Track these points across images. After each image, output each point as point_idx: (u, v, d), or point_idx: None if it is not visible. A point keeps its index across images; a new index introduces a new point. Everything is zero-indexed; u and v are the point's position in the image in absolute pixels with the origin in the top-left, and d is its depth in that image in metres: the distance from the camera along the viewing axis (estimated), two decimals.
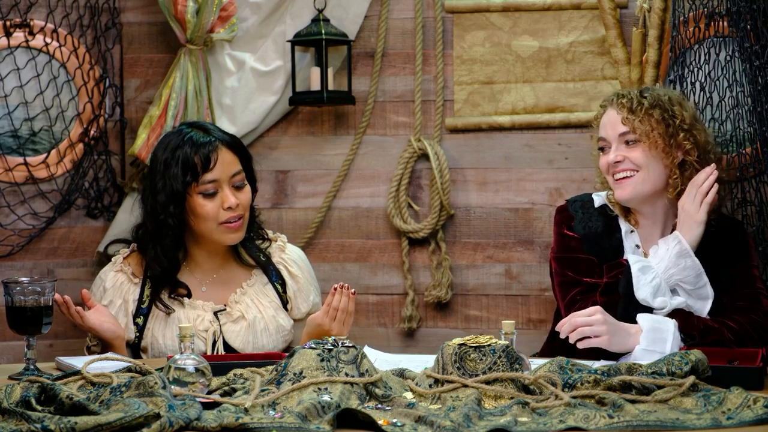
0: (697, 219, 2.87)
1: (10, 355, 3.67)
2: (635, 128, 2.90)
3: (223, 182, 3.01)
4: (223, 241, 3.06)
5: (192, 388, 2.28)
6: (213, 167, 2.99)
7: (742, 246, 2.96)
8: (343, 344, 2.34)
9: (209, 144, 3.00)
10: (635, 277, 2.83)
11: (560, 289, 2.99)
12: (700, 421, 2.06)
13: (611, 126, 2.94)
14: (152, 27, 3.94)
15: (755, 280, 2.93)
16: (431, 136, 3.88)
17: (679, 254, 2.85)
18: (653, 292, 2.82)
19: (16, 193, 3.75)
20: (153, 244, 3.03)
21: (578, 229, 2.99)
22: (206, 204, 3.00)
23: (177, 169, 2.98)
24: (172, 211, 2.99)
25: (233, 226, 3.03)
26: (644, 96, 2.93)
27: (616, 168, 2.92)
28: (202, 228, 3.03)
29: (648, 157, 2.90)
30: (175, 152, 3.00)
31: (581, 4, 3.75)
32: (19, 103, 3.73)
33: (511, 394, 2.21)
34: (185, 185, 2.98)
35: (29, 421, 1.96)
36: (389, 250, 3.93)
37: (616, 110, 2.94)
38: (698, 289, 2.86)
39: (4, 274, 3.67)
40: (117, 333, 2.96)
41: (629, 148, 2.91)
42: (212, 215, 3.00)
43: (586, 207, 3.03)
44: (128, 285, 3.08)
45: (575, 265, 2.95)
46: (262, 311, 3.10)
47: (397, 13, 3.91)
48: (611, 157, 2.92)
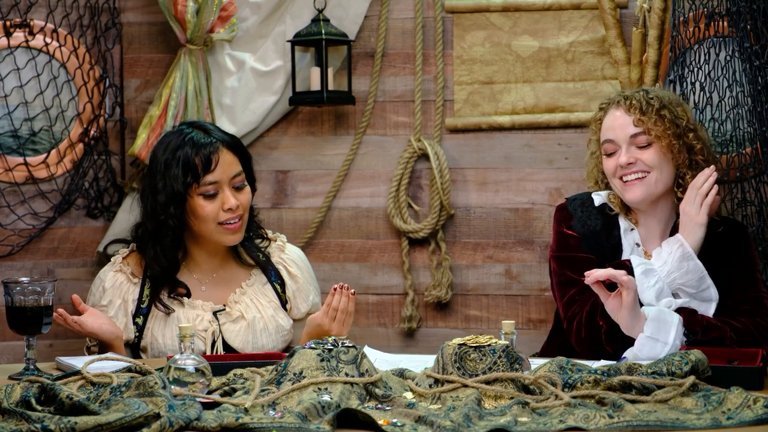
0: (698, 221, 2.87)
1: (10, 355, 3.66)
2: (649, 129, 2.88)
3: (223, 183, 3.01)
4: (223, 242, 3.06)
5: (192, 388, 2.28)
6: (214, 169, 2.99)
7: (744, 248, 2.95)
8: (343, 344, 2.34)
9: (210, 145, 3.00)
10: (638, 280, 2.81)
11: (559, 288, 2.99)
12: (700, 421, 2.06)
13: (621, 128, 2.92)
14: (152, 27, 3.94)
15: (758, 284, 2.94)
16: (431, 136, 3.88)
17: (682, 257, 2.84)
18: (656, 295, 2.82)
19: (16, 193, 3.75)
20: (153, 243, 3.03)
21: (577, 227, 2.99)
22: (206, 205, 3.00)
23: (178, 170, 2.97)
24: (173, 212, 2.98)
25: (232, 227, 3.03)
26: (651, 97, 2.92)
27: (627, 170, 2.90)
28: (202, 229, 3.03)
29: (660, 159, 2.90)
30: (176, 153, 2.99)
31: (581, 4, 3.75)
32: (19, 103, 3.73)
33: (511, 394, 2.21)
34: (186, 186, 2.98)
35: (29, 421, 1.96)
36: (389, 250, 3.93)
37: (624, 112, 2.92)
38: (701, 292, 2.86)
39: (4, 274, 3.67)
40: (116, 334, 2.96)
41: (641, 150, 2.90)
42: (212, 216, 3.00)
43: (585, 206, 3.02)
44: (127, 285, 3.08)
45: (574, 264, 2.94)
46: (261, 311, 3.10)
47: (397, 13, 3.91)
48: (623, 159, 2.89)
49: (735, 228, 3.00)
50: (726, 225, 2.98)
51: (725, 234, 2.95)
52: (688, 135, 2.91)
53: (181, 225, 3.03)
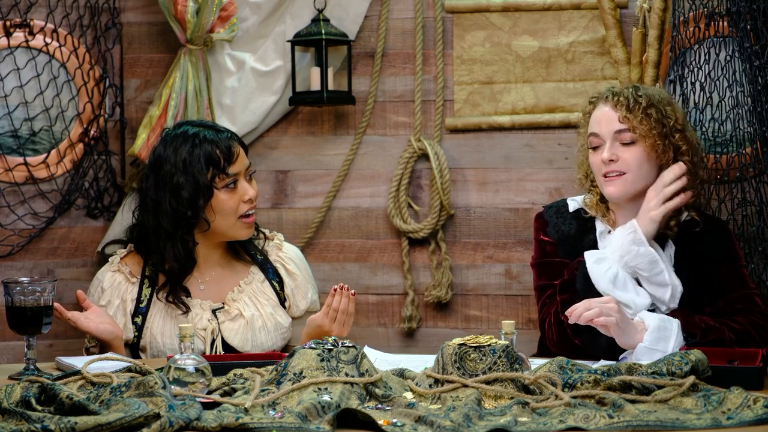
0: (652, 216, 2.86)
1: (10, 355, 3.66)
2: (634, 127, 2.88)
3: (241, 175, 3.05)
4: (239, 236, 3.09)
5: (192, 388, 2.28)
6: (235, 160, 3.03)
7: (727, 247, 2.95)
8: (343, 344, 2.34)
9: (227, 139, 3.04)
10: (591, 270, 2.83)
11: (536, 294, 3.04)
12: (700, 421, 2.06)
13: (606, 122, 2.92)
14: (152, 27, 3.94)
15: (746, 280, 2.95)
16: (431, 136, 3.88)
17: (633, 242, 2.84)
18: (612, 281, 2.82)
19: (16, 193, 3.75)
20: (172, 243, 3.02)
21: (552, 233, 3.03)
22: (229, 198, 3.03)
23: (201, 165, 2.99)
24: (201, 205, 3.00)
25: (249, 220, 3.07)
26: (639, 95, 2.92)
27: (608, 167, 2.90)
28: (221, 224, 3.04)
29: (642, 158, 2.90)
30: (194, 150, 3.01)
31: (581, 4, 3.75)
32: (19, 103, 3.73)
33: (511, 394, 2.21)
34: (212, 178, 3.00)
35: (29, 421, 1.96)
36: (389, 250, 3.93)
37: (611, 107, 2.92)
38: (655, 276, 2.85)
39: (4, 274, 3.67)
40: (115, 333, 2.96)
41: (624, 148, 2.90)
42: (234, 209, 3.03)
43: (560, 212, 3.05)
44: (126, 284, 3.09)
45: (550, 269, 2.98)
46: (259, 309, 3.10)
47: (397, 13, 3.91)
48: (605, 155, 2.89)
49: (715, 227, 2.99)
50: (706, 224, 2.97)
51: (706, 234, 2.95)
52: (675, 135, 2.90)
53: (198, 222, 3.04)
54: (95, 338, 2.98)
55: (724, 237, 2.97)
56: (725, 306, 2.88)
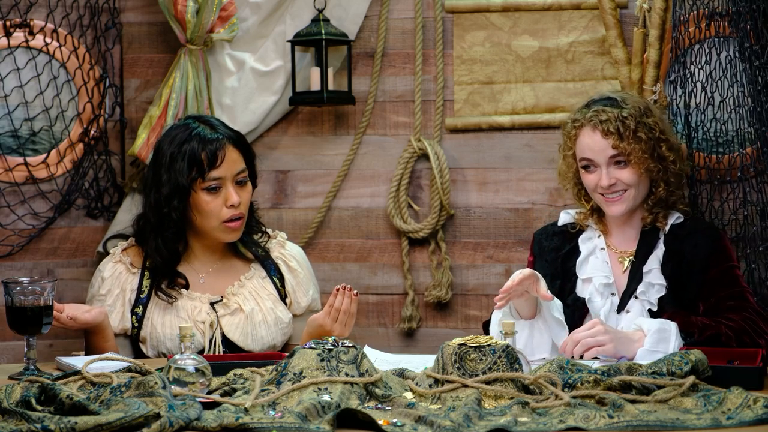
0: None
1: (10, 355, 3.66)
2: (627, 153, 2.96)
3: (227, 179, 3.04)
4: (222, 239, 3.10)
5: (192, 388, 2.28)
6: (219, 165, 3.02)
7: (717, 250, 3.00)
8: (343, 344, 2.34)
9: (216, 141, 3.02)
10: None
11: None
12: (700, 421, 2.06)
13: (600, 150, 2.98)
14: (152, 27, 3.94)
15: (738, 280, 2.99)
16: (431, 136, 3.88)
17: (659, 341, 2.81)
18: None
19: (16, 193, 3.75)
20: (154, 235, 3.06)
21: (535, 250, 3.15)
22: (210, 201, 3.02)
23: (183, 164, 3.00)
24: (176, 205, 3.01)
25: (234, 225, 3.05)
26: (625, 117, 2.96)
27: (609, 190, 2.99)
28: (204, 224, 3.05)
29: (638, 176, 2.99)
30: (182, 147, 3.01)
31: (581, 4, 3.75)
32: (19, 103, 3.72)
33: (511, 394, 2.21)
34: (191, 181, 3.00)
35: (29, 421, 1.96)
36: (389, 250, 3.93)
37: (600, 135, 2.98)
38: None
39: (4, 274, 3.66)
40: (100, 311, 2.98)
41: (619, 169, 2.98)
42: (215, 212, 3.02)
43: (546, 231, 3.17)
44: (126, 275, 3.11)
45: None
46: (259, 303, 3.11)
47: (397, 13, 3.91)
48: (604, 182, 2.98)
49: (705, 231, 3.04)
50: (694, 228, 3.03)
51: (696, 239, 3.00)
52: (661, 146, 3.00)
53: (183, 218, 3.05)
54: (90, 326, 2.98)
55: (714, 242, 3.01)
56: (717, 303, 2.92)
